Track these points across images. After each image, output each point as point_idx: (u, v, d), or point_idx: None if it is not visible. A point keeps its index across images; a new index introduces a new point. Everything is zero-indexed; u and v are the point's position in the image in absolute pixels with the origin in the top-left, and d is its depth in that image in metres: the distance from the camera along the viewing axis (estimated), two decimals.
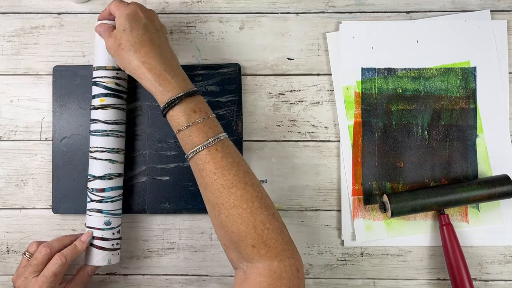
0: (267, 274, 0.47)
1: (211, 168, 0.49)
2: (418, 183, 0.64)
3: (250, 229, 0.48)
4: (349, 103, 0.64)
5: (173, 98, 0.50)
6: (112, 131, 0.58)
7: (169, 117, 0.51)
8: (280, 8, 0.66)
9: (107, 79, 0.58)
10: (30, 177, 0.65)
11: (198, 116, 0.50)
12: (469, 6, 0.65)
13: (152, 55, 0.51)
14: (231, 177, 0.49)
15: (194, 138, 0.50)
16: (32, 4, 0.66)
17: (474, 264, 0.64)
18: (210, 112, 0.52)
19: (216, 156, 0.49)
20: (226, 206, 0.49)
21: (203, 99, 0.53)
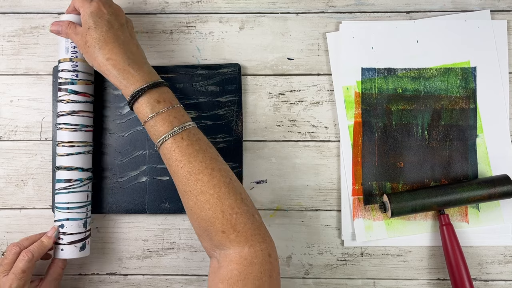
0: (238, 260, 0.47)
1: (177, 156, 0.50)
2: (418, 183, 0.63)
3: (218, 214, 0.48)
4: (349, 103, 0.64)
5: (136, 91, 0.51)
6: (61, 124, 0.58)
7: (135, 110, 0.52)
8: (280, 8, 0.66)
9: (64, 73, 0.58)
10: (30, 177, 0.65)
11: (162, 106, 0.51)
12: (469, 6, 0.65)
13: (116, 51, 0.53)
14: (197, 163, 0.49)
15: (160, 128, 0.51)
16: (32, 4, 0.66)
17: (474, 264, 0.64)
18: (175, 102, 0.53)
19: (181, 144, 0.50)
20: (193, 193, 0.49)
21: (168, 90, 0.54)
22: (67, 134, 0.58)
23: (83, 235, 0.59)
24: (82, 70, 0.59)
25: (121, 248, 0.65)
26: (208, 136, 0.63)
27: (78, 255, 0.58)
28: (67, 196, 0.58)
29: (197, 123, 0.63)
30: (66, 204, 0.58)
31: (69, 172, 0.58)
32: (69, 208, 0.58)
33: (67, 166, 0.58)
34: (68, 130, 0.58)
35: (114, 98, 0.64)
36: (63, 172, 0.58)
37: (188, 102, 0.64)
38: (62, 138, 0.58)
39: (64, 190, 0.58)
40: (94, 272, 0.65)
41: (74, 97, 0.58)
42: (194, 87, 0.64)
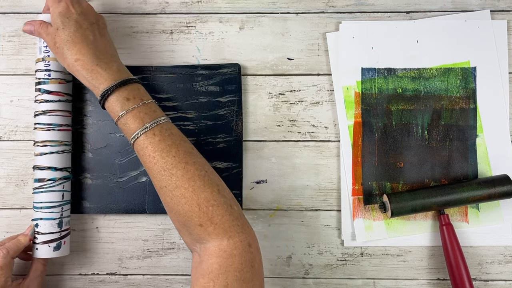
0: (217, 253, 0.47)
1: (150, 152, 0.50)
2: (418, 183, 0.64)
3: (194, 207, 0.48)
4: (349, 103, 0.64)
5: (105, 90, 0.51)
6: (36, 124, 0.58)
7: (107, 109, 0.52)
8: (280, 8, 0.66)
9: (38, 72, 0.59)
10: (30, 177, 0.65)
11: (132, 104, 0.51)
12: (469, 6, 0.65)
13: (84, 52, 0.52)
14: (170, 158, 0.49)
15: (131, 125, 0.51)
16: (32, 4, 0.66)
17: (474, 264, 0.64)
18: (146, 98, 0.53)
19: (153, 140, 0.50)
20: (169, 188, 0.49)
21: (139, 87, 0.53)
22: (40, 134, 0.58)
23: (57, 235, 0.58)
24: (54, 69, 0.59)
25: (121, 248, 0.65)
26: (208, 136, 0.63)
27: (53, 255, 0.58)
28: (40, 195, 0.58)
29: (197, 123, 0.64)
30: (40, 204, 0.58)
31: (42, 172, 0.58)
32: (42, 208, 0.58)
33: (40, 166, 0.58)
34: (42, 130, 0.58)
35: None
36: (38, 171, 0.58)
37: (188, 102, 0.64)
38: (37, 138, 0.58)
39: (38, 189, 0.58)
40: (94, 272, 0.65)
41: (47, 97, 0.58)
42: (194, 87, 0.64)
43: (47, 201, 0.58)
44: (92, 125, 0.64)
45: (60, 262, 0.65)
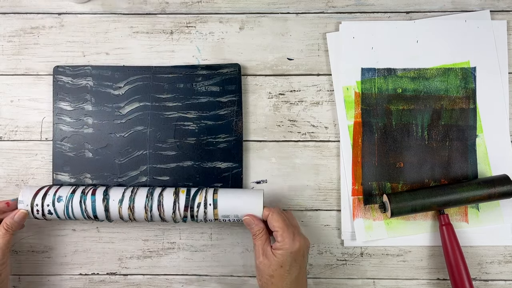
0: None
1: None
2: (418, 183, 0.64)
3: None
4: (349, 103, 0.64)
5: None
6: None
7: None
8: (280, 8, 0.66)
9: None
10: (31, 177, 0.65)
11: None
12: (469, 6, 0.65)
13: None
14: None
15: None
16: (32, 4, 0.66)
17: (474, 264, 0.64)
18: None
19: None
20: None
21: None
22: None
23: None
24: None
25: (121, 248, 0.65)
26: (209, 136, 0.63)
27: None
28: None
29: (198, 123, 0.64)
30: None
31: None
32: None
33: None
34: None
35: (114, 98, 0.64)
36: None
37: (188, 102, 0.64)
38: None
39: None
40: (94, 272, 0.65)
41: None
42: (195, 87, 0.64)
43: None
44: (92, 125, 0.64)
45: (60, 262, 0.65)
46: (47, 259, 0.65)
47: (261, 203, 0.57)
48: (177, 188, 0.59)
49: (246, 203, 0.57)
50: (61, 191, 0.58)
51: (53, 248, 0.65)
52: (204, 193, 0.58)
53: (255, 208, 0.57)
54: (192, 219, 0.58)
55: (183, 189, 0.59)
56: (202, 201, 0.57)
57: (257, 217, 0.57)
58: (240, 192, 0.58)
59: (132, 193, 0.58)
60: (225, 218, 0.58)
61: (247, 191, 0.59)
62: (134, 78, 0.64)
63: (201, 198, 0.57)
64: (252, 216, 0.56)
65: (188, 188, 0.59)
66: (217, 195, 0.58)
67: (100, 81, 0.64)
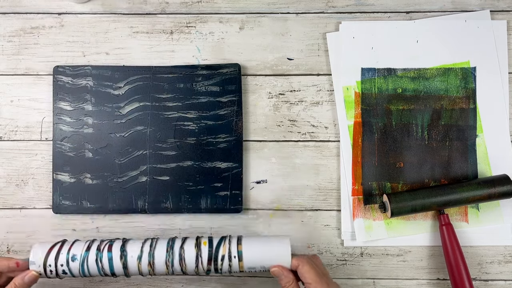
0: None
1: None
2: (418, 183, 0.64)
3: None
4: (349, 103, 0.64)
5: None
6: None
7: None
8: (280, 8, 0.66)
9: None
10: (31, 177, 0.65)
11: None
12: (469, 6, 0.65)
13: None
14: None
15: None
16: (32, 4, 0.66)
17: (474, 264, 0.64)
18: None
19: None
20: None
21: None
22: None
23: None
24: None
25: None
26: (209, 136, 0.63)
27: None
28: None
29: (198, 123, 0.64)
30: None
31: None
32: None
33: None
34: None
35: (114, 98, 0.64)
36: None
37: (188, 102, 0.64)
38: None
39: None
40: None
41: None
42: (195, 87, 0.64)
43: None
44: (92, 125, 0.64)
45: None
46: None
47: (289, 253, 0.54)
48: (198, 239, 0.55)
49: (273, 253, 0.54)
50: (75, 248, 0.55)
51: None
52: (227, 244, 0.54)
53: (283, 258, 0.54)
54: (216, 272, 0.54)
55: (205, 240, 0.55)
56: (226, 254, 0.54)
57: (286, 268, 0.54)
58: (265, 241, 0.55)
59: (151, 248, 0.55)
60: (251, 270, 0.54)
61: (272, 239, 0.55)
62: (134, 78, 0.64)
63: (225, 250, 0.54)
64: (281, 268, 0.53)
65: (210, 238, 0.56)
66: (242, 246, 0.54)
67: (100, 81, 0.64)
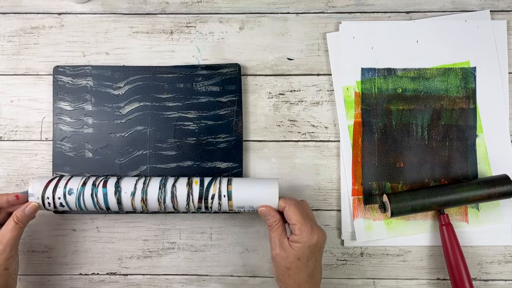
0: None
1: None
2: (418, 183, 0.64)
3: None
4: (349, 103, 0.64)
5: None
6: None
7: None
8: (280, 8, 0.66)
9: None
10: (31, 177, 0.65)
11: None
12: (469, 6, 0.65)
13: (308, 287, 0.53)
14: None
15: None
16: (33, 4, 0.66)
17: (474, 264, 0.64)
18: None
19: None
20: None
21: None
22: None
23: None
24: None
25: (121, 248, 0.65)
26: (209, 136, 0.63)
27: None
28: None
29: (198, 123, 0.64)
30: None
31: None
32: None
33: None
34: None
35: (114, 98, 0.64)
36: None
37: (188, 102, 0.64)
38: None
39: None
40: (94, 272, 0.65)
41: None
42: (195, 87, 0.64)
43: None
44: (92, 125, 0.64)
45: (60, 262, 0.65)
46: (47, 259, 0.65)
47: (277, 194, 0.56)
48: (190, 178, 0.58)
49: (262, 194, 0.56)
50: (72, 183, 0.57)
51: (53, 248, 0.65)
52: (218, 184, 0.57)
53: (270, 199, 0.56)
54: (206, 210, 0.57)
55: (196, 179, 0.57)
56: (216, 193, 0.56)
57: (273, 208, 0.56)
58: (254, 182, 0.57)
59: (144, 184, 0.57)
60: (240, 209, 0.57)
61: (261, 181, 0.58)
62: (134, 78, 0.64)
63: (215, 190, 0.56)
64: (268, 207, 0.56)
65: (201, 178, 0.58)
66: (232, 186, 0.57)
67: (100, 81, 0.64)
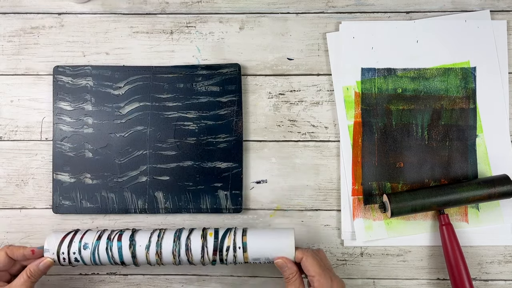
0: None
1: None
2: (418, 183, 0.64)
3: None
4: (349, 103, 0.64)
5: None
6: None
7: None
8: (280, 8, 0.66)
9: None
10: (31, 177, 0.65)
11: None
12: (469, 6, 0.65)
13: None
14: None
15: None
16: (33, 4, 0.66)
17: (474, 264, 0.64)
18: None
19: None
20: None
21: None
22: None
23: None
24: None
25: None
26: (209, 136, 0.63)
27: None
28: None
29: (198, 123, 0.64)
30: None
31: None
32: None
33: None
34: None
35: (114, 98, 0.64)
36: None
37: (188, 102, 0.64)
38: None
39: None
40: (94, 272, 0.65)
41: None
42: (195, 87, 0.64)
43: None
44: (92, 125, 0.64)
45: None
46: None
47: (293, 245, 0.55)
48: (205, 230, 0.57)
49: (277, 245, 0.55)
50: (87, 237, 0.57)
51: None
52: (232, 235, 0.56)
53: (287, 250, 0.55)
54: (221, 262, 0.56)
55: (210, 231, 0.57)
56: (231, 245, 0.56)
57: (290, 260, 0.55)
58: (269, 233, 0.57)
59: (159, 237, 0.57)
60: (255, 261, 0.56)
61: (277, 231, 0.57)
62: (134, 78, 0.64)
63: (230, 241, 0.56)
64: (285, 259, 0.55)
65: (216, 229, 0.58)
66: (246, 237, 0.56)
67: (100, 81, 0.64)
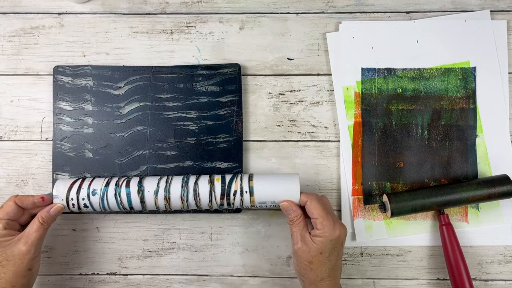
0: None
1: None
2: (418, 183, 0.64)
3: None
4: (349, 103, 0.64)
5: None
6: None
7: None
8: (280, 8, 0.66)
9: None
10: (31, 177, 0.65)
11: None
12: (469, 6, 0.65)
13: (328, 284, 0.54)
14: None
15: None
16: (33, 4, 0.66)
17: (474, 264, 0.64)
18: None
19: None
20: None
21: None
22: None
23: None
24: None
25: (121, 248, 0.65)
26: (209, 136, 0.63)
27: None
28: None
29: (198, 123, 0.64)
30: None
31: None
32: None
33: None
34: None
35: (114, 98, 0.64)
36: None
37: (188, 102, 0.64)
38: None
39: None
40: (94, 272, 0.65)
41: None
42: (195, 87, 0.64)
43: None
44: (92, 125, 0.64)
45: (60, 262, 0.65)
46: (47, 259, 0.65)
47: (298, 189, 0.56)
48: (212, 176, 0.58)
49: (283, 189, 0.56)
50: (95, 183, 0.58)
51: (53, 248, 0.65)
52: (239, 180, 0.57)
53: (292, 194, 0.56)
54: (229, 206, 0.57)
55: (217, 176, 0.58)
56: (238, 189, 0.56)
57: (295, 203, 0.56)
58: (275, 178, 0.57)
59: (167, 183, 0.57)
60: (261, 205, 0.57)
61: (282, 176, 0.58)
62: (134, 78, 0.64)
63: (237, 186, 0.57)
64: (290, 202, 0.56)
65: (223, 175, 0.58)
66: (253, 182, 0.57)
67: (100, 81, 0.64)
